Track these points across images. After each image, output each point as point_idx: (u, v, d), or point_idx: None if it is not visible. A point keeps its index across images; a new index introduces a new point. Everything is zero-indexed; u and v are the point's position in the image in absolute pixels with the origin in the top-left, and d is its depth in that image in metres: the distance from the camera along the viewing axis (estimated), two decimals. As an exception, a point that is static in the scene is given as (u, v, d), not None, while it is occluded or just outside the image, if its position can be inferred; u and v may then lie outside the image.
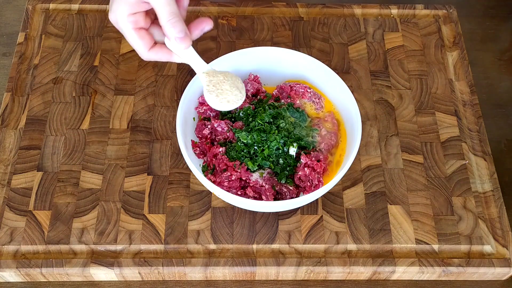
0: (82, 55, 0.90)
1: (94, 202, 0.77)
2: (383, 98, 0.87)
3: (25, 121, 0.83)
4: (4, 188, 0.78)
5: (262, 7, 0.96)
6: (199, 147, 0.77)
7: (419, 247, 0.75)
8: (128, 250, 0.74)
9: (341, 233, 0.76)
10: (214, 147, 0.75)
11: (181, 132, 0.73)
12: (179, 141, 0.72)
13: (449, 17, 0.96)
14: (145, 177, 0.79)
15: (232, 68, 0.81)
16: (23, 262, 0.72)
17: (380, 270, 0.74)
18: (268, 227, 0.76)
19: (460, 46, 0.93)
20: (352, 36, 0.93)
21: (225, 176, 0.73)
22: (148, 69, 0.88)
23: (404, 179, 0.80)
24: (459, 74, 0.90)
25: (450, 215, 0.78)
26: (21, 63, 0.89)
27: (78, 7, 0.95)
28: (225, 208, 0.77)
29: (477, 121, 0.86)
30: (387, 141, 0.83)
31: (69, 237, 0.74)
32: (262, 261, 0.73)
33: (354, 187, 0.79)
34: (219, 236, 0.75)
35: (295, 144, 0.74)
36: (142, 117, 0.84)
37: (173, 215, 0.76)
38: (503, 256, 0.75)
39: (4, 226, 0.75)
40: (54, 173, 0.79)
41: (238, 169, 0.73)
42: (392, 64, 0.90)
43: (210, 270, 0.73)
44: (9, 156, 0.80)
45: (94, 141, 0.82)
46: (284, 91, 0.81)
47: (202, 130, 0.77)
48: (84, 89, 0.86)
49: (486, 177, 0.81)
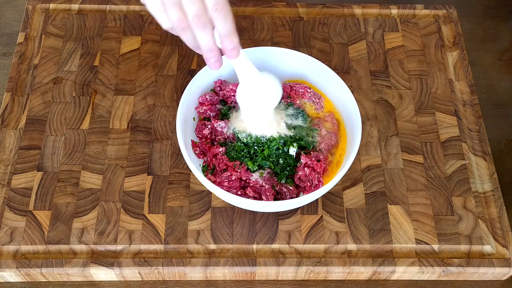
0: (82, 55, 0.90)
1: (94, 202, 0.77)
2: (383, 98, 0.87)
3: (25, 121, 0.83)
4: (4, 188, 0.78)
5: (262, 7, 0.96)
6: (199, 147, 0.77)
7: (419, 247, 0.75)
8: (128, 250, 0.74)
9: (341, 233, 0.76)
10: (214, 147, 0.75)
11: (181, 132, 0.73)
12: (179, 141, 0.72)
13: (449, 17, 0.96)
14: (145, 177, 0.79)
15: (232, 68, 0.81)
16: (23, 262, 0.72)
17: (380, 270, 0.74)
18: (268, 227, 0.76)
19: (460, 46, 0.93)
20: (352, 36, 0.93)
21: (225, 176, 0.73)
22: (148, 69, 0.88)
23: (404, 179, 0.80)
24: (459, 74, 0.90)
25: (450, 215, 0.78)
26: (21, 63, 0.89)
27: (78, 7, 0.95)
28: (225, 208, 0.77)
29: (477, 121, 0.86)
30: (387, 141, 0.83)
31: (69, 237, 0.74)
32: (262, 261, 0.73)
33: (354, 187, 0.79)
34: (219, 236, 0.75)
35: (295, 144, 0.74)
36: (142, 117, 0.84)
37: (173, 215, 0.76)
38: (503, 256, 0.75)
39: (4, 226, 0.75)
40: (54, 173, 0.79)
41: (238, 169, 0.73)
42: (392, 64, 0.91)
43: (210, 270, 0.73)
44: (9, 156, 0.80)
45: (94, 141, 0.82)
46: (284, 91, 0.81)
47: (202, 130, 0.77)
48: (84, 89, 0.86)
49: (486, 177, 0.81)
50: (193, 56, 0.90)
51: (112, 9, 0.94)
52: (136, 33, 0.92)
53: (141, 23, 0.93)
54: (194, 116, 0.80)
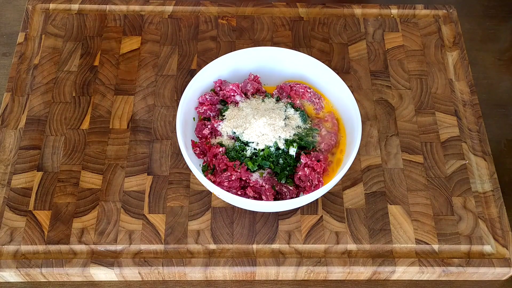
0: (82, 55, 0.90)
1: (94, 202, 0.77)
2: (383, 98, 0.87)
3: (25, 121, 0.83)
4: (4, 188, 0.78)
5: (262, 7, 0.96)
6: (199, 147, 0.77)
7: (419, 247, 0.75)
8: (128, 250, 0.74)
9: (341, 233, 0.76)
10: (214, 147, 0.75)
11: (181, 132, 0.73)
12: (179, 141, 0.72)
13: (449, 17, 0.96)
14: (145, 177, 0.79)
15: (232, 68, 0.81)
16: (23, 262, 0.72)
17: (380, 270, 0.74)
18: (268, 227, 0.76)
19: (460, 46, 0.93)
20: (352, 36, 0.93)
21: (225, 176, 0.73)
22: (148, 69, 0.88)
23: (404, 179, 0.80)
24: (459, 74, 0.90)
25: (450, 215, 0.78)
26: (21, 63, 0.89)
27: (78, 7, 0.95)
28: (225, 208, 0.77)
29: (477, 121, 0.86)
30: (387, 141, 0.83)
31: (69, 237, 0.74)
32: (262, 261, 0.73)
33: (354, 187, 0.79)
34: (219, 236, 0.75)
35: (295, 144, 0.74)
36: (142, 117, 0.84)
37: (173, 215, 0.76)
38: (503, 256, 0.75)
39: (4, 226, 0.75)
40: (54, 173, 0.79)
41: (238, 169, 0.73)
42: (392, 64, 0.90)
43: (210, 270, 0.73)
44: (9, 156, 0.80)
45: (94, 141, 0.82)
46: (284, 91, 0.81)
47: (202, 130, 0.77)
48: (84, 89, 0.86)
49: (486, 177, 0.81)
50: (193, 56, 0.90)
51: (112, 9, 0.94)
52: (136, 33, 0.92)
53: (141, 23, 0.93)
54: (194, 116, 0.80)
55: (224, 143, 0.75)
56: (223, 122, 0.77)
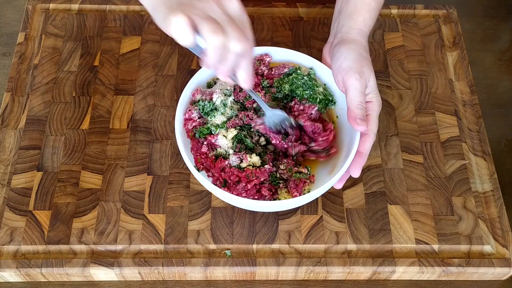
0: (82, 55, 0.90)
1: (94, 202, 0.77)
2: (383, 98, 0.87)
3: (25, 121, 0.83)
4: (4, 188, 0.78)
5: (262, 7, 0.96)
6: (203, 164, 0.73)
7: (419, 247, 0.75)
8: (128, 250, 0.74)
9: (341, 233, 0.76)
10: (218, 161, 0.72)
11: (180, 132, 0.73)
12: (178, 141, 0.72)
13: (449, 17, 0.96)
14: (145, 177, 0.79)
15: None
16: (23, 262, 0.72)
17: (380, 270, 0.74)
18: (268, 227, 0.76)
19: (460, 46, 0.93)
20: (352, 36, 0.93)
21: (240, 187, 0.70)
22: (148, 69, 0.88)
23: (404, 179, 0.80)
24: (459, 74, 0.90)
25: (450, 215, 0.78)
26: (21, 63, 0.89)
27: (78, 7, 0.95)
28: (225, 208, 0.77)
29: (477, 121, 0.86)
30: (387, 141, 0.83)
31: (69, 237, 0.74)
32: (262, 261, 0.73)
33: (354, 187, 0.79)
34: (219, 236, 0.75)
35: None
36: (142, 117, 0.84)
37: (173, 215, 0.76)
38: (503, 256, 0.75)
39: (4, 226, 0.75)
40: (54, 173, 0.79)
41: (252, 177, 0.71)
42: (392, 64, 0.91)
43: (210, 270, 0.73)
44: (9, 156, 0.80)
45: (94, 141, 0.82)
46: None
47: (200, 148, 0.74)
48: (84, 89, 0.86)
49: (486, 177, 0.81)
50: (193, 56, 0.90)
51: (112, 9, 0.94)
52: (136, 33, 0.92)
53: (141, 23, 0.93)
54: (194, 116, 0.80)
55: (224, 152, 0.73)
56: (218, 136, 0.74)
